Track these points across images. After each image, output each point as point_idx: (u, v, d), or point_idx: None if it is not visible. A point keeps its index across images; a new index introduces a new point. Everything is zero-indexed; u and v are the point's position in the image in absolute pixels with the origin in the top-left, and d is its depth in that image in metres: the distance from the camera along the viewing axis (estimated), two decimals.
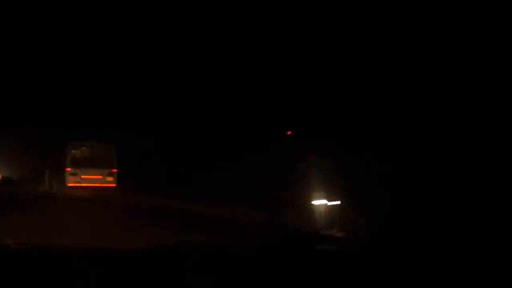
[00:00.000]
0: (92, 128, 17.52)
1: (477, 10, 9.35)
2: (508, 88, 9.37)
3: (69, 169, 15.61)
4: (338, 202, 9.04)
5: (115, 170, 16.08)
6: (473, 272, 2.13)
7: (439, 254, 2.59)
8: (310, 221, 8.95)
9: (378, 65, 11.15)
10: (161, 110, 17.92)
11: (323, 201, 8.96)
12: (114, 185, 15.91)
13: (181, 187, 14.77)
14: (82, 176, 15.58)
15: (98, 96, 18.88)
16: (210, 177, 15.14)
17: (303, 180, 9.87)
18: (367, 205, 8.72)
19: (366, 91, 11.57)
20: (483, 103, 9.72)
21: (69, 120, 18.44)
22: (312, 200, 9.13)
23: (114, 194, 15.21)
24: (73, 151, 16.08)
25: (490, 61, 9.64)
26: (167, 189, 14.68)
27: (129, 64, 16.15)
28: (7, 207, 10.11)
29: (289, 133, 14.10)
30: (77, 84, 17.75)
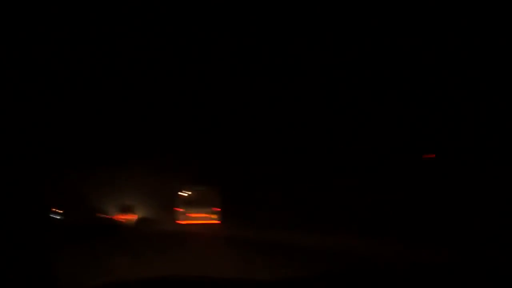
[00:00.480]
0: (201, 173, 20.17)
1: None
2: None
3: (180, 209, 17.99)
4: None
5: (218, 209, 18.09)
6: None
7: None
8: None
9: None
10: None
11: None
12: (219, 222, 17.88)
13: (288, 219, 15.44)
14: (191, 215, 17.82)
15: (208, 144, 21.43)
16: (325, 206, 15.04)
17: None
18: None
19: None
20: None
21: (183, 168, 21.38)
22: None
23: (219, 230, 17.09)
24: (183, 194, 18.54)
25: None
26: (274, 222, 15.74)
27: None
28: (136, 243, 12.39)
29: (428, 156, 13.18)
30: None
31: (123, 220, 23.35)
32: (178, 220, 18.08)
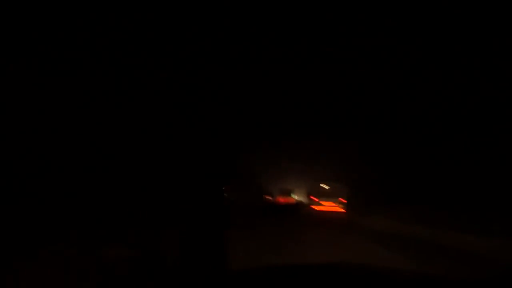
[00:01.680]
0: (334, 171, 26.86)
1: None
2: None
3: (316, 199, 24.93)
4: None
5: (345, 201, 24.39)
6: None
7: None
8: None
9: None
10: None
11: None
12: (344, 210, 24.17)
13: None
14: (323, 203, 24.57)
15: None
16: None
17: None
18: None
19: None
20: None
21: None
22: None
23: (344, 217, 23.33)
24: (318, 187, 25.44)
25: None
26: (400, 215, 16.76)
27: None
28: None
29: None
30: None
31: (284, 203, 29.87)
32: (313, 206, 25.06)
